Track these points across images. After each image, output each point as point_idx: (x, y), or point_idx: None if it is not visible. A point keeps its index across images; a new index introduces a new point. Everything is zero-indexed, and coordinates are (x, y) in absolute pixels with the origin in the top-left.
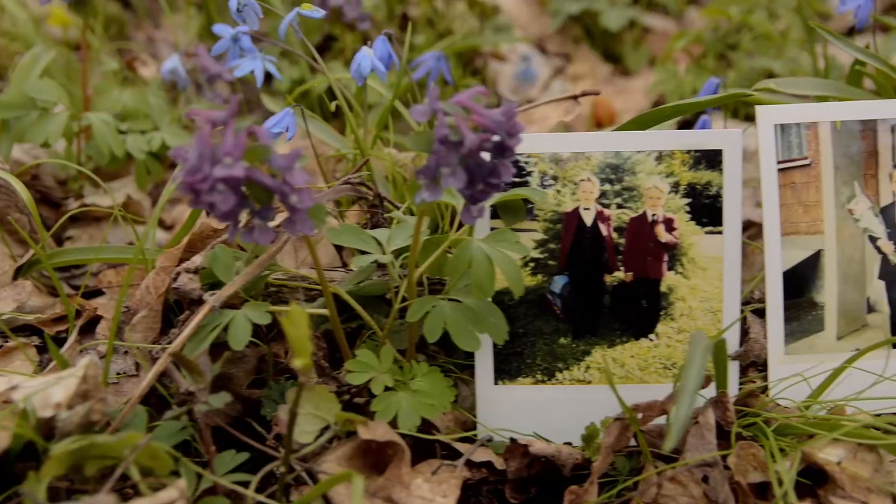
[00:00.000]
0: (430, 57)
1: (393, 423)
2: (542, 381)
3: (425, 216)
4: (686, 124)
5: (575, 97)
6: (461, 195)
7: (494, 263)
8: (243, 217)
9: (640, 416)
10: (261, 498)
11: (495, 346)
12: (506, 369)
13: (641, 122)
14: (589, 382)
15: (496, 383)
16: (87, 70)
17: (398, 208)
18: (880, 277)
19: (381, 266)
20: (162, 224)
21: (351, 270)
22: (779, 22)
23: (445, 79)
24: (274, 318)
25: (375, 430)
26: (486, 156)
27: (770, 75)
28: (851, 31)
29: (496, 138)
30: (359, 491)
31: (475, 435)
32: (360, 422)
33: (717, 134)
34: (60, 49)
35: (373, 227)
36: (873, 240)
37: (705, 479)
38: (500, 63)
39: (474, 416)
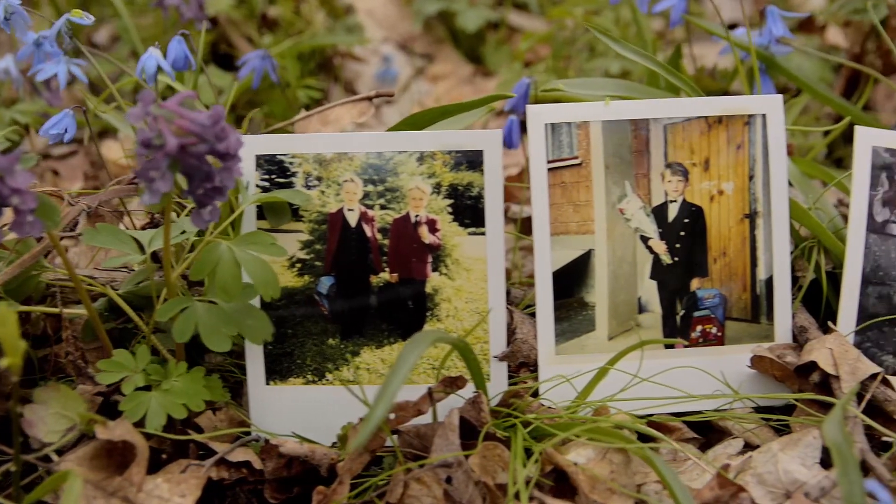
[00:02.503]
0: (254, 56)
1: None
2: (313, 382)
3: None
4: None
5: (370, 98)
6: (190, 198)
7: (243, 266)
8: None
9: (393, 416)
10: None
11: (266, 346)
12: (277, 369)
13: (413, 123)
14: (358, 383)
15: (268, 383)
16: None
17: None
18: (652, 277)
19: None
20: None
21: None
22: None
23: (271, 78)
24: (60, 320)
25: (114, 431)
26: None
27: (607, 76)
28: (733, 26)
29: (219, 144)
30: (75, 491)
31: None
32: (100, 422)
33: (477, 135)
34: None
35: (153, 227)
36: (644, 240)
37: (450, 480)
38: (361, 63)
39: None
